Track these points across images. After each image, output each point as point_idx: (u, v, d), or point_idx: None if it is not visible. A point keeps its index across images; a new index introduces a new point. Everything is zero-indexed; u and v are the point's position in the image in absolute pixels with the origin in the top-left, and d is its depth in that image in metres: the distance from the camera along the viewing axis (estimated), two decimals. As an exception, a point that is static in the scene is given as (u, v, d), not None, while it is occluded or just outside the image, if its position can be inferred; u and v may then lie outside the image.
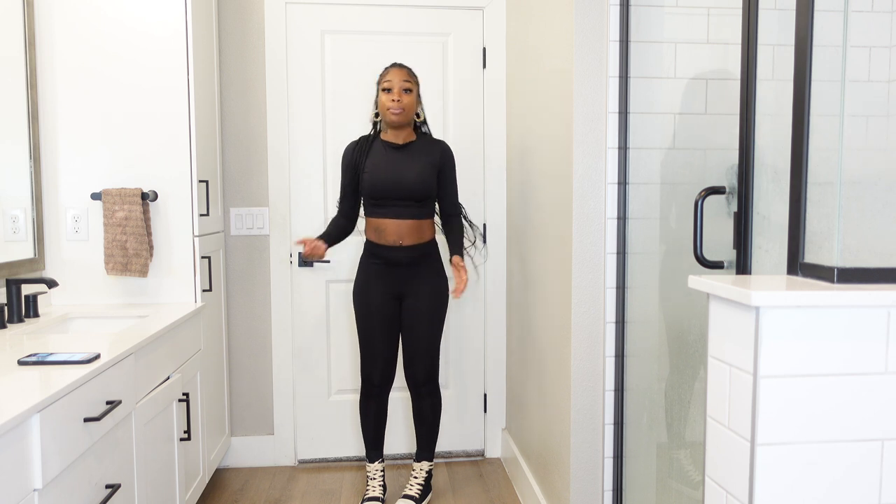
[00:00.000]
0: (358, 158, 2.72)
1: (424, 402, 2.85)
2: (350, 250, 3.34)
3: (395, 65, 2.71)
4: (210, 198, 2.96)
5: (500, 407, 3.48)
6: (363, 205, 2.78)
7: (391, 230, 2.68)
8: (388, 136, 2.74)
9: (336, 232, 2.78)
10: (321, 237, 2.70)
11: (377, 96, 2.71)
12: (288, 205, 3.28)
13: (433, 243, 2.79)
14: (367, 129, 3.29)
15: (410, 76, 2.68)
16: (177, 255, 2.69)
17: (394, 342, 2.82)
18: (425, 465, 2.92)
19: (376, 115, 2.76)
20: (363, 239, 3.23)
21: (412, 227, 2.69)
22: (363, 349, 2.81)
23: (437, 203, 2.82)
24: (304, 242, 2.62)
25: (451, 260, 2.72)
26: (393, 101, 2.63)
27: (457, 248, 2.77)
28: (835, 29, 1.25)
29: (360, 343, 2.82)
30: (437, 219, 2.95)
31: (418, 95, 2.73)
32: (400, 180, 2.65)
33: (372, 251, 2.75)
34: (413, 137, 2.75)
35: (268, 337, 3.33)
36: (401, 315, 2.79)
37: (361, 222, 3.22)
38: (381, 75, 2.71)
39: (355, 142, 2.78)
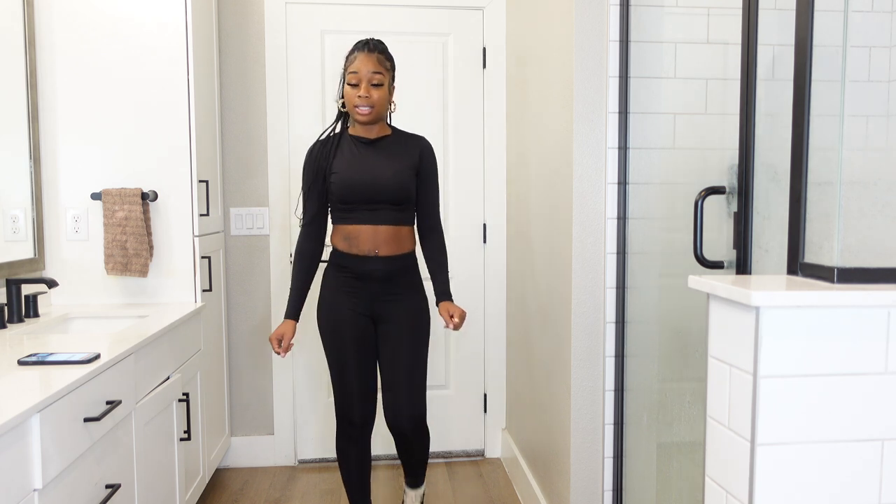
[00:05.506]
0: (322, 162, 2.31)
1: (412, 445, 2.41)
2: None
3: (364, 47, 2.24)
4: (210, 198, 2.96)
5: (500, 407, 3.48)
6: (331, 211, 2.37)
7: (366, 238, 2.27)
8: (357, 130, 2.33)
9: (303, 282, 2.36)
10: (288, 315, 2.33)
11: (342, 82, 2.27)
12: (288, 205, 3.28)
13: (412, 255, 2.37)
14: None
15: (381, 64, 2.23)
16: (177, 255, 2.69)
17: (371, 372, 2.37)
18: (420, 491, 2.61)
19: (342, 104, 2.32)
20: None
21: (390, 235, 2.28)
22: (336, 382, 2.35)
23: (415, 209, 2.41)
24: (273, 343, 2.30)
25: (437, 303, 2.34)
26: (360, 97, 2.21)
27: (444, 287, 2.36)
28: (835, 29, 1.25)
29: (331, 375, 2.35)
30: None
31: (391, 82, 2.29)
32: (374, 181, 2.25)
33: (340, 262, 2.32)
34: (387, 131, 2.35)
35: (268, 337, 3.32)
36: (377, 342, 2.37)
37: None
38: (347, 59, 2.26)
39: (319, 141, 2.36)
